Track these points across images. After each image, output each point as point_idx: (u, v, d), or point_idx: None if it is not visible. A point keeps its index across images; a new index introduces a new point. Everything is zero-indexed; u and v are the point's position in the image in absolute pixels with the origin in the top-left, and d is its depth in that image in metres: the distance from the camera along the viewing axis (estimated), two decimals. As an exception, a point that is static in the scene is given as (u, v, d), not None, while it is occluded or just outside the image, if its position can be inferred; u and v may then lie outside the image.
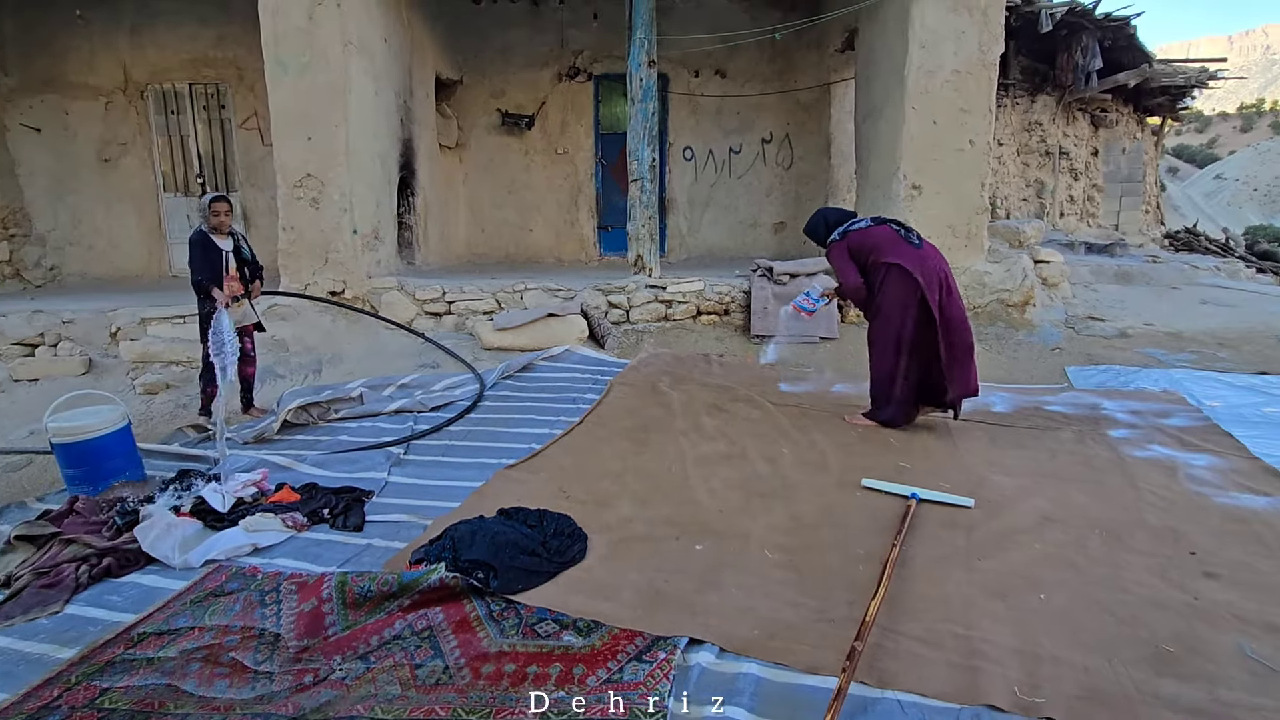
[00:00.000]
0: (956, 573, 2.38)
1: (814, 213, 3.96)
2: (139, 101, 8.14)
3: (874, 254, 3.63)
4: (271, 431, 4.09)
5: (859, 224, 3.74)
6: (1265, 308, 6.23)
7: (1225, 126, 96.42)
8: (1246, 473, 3.05)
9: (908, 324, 3.57)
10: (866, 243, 3.65)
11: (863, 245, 3.66)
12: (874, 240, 3.66)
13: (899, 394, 3.66)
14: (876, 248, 3.63)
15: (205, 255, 4.17)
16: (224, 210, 4.23)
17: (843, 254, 3.69)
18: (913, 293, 3.52)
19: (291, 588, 2.43)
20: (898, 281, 3.56)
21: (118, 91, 8.11)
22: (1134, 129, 11.16)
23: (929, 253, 3.64)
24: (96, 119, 8.14)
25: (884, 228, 3.72)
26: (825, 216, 3.88)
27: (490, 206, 9.28)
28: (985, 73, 5.60)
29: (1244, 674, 1.83)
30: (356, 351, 5.72)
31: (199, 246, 4.17)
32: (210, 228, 4.22)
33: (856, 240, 3.68)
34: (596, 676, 1.94)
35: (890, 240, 3.65)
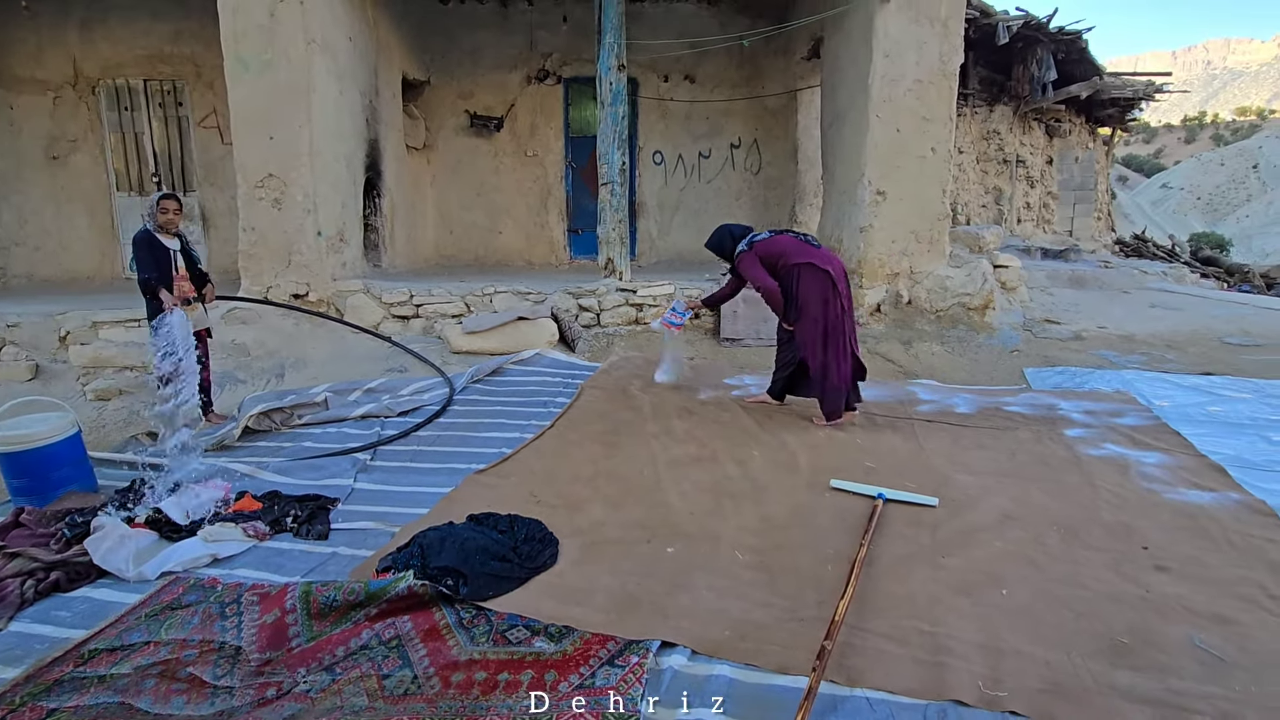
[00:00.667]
0: (922, 570, 2.43)
1: (716, 229, 4.11)
2: (90, 97, 7.85)
3: (782, 259, 3.84)
4: (232, 438, 3.97)
5: (761, 235, 3.94)
6: (1209, 311, 6.51)
7: (1170, 137, 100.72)
8: (1194, 470, 3.18)
9: (829, 315, 3.82)
10: (774, 250, 3.86)
11: (770, 253, 3.86)
12: (780, 247, 3.87)
13: (834, 383, 3.85)
14: (784, 253, 3.84)
15: (152, 254, 4.03)
16: (173, 209, 4.11)
17: (754, 262, 3.87)
18: (828, 286, 3.80)
19: (253, 599, 2.36)
20: (812, 278, 3.81)
21: (67, 86, 7.82)
22: (1086, 139, 11.58)
23: (828, 253, 3.95)
24: (44, 114, 7.83)
25: (785, 236, 3.94)
26: (730, 231, 4.05)
27: (459, 209, 9.19)
28: (946, 82, 5.75)
29: (1194, 664, 1.91)
30: (321, 355, 5.60)
31: (145, 245, 4.04)
32: (157, 226, 4.09)
33: (763, 249, 3.87)
34: (569, 682, 1.93)
35: (795, 245, 3.89)
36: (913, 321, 5.96)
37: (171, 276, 4.12)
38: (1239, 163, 68.71)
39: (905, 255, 6.01)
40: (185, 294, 4.19)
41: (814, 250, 3.89)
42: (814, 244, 3.95)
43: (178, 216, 4.15)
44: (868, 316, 6.04)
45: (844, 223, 6.46)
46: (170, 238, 4.16)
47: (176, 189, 8.05)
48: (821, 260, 3.84)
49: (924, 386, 4.68)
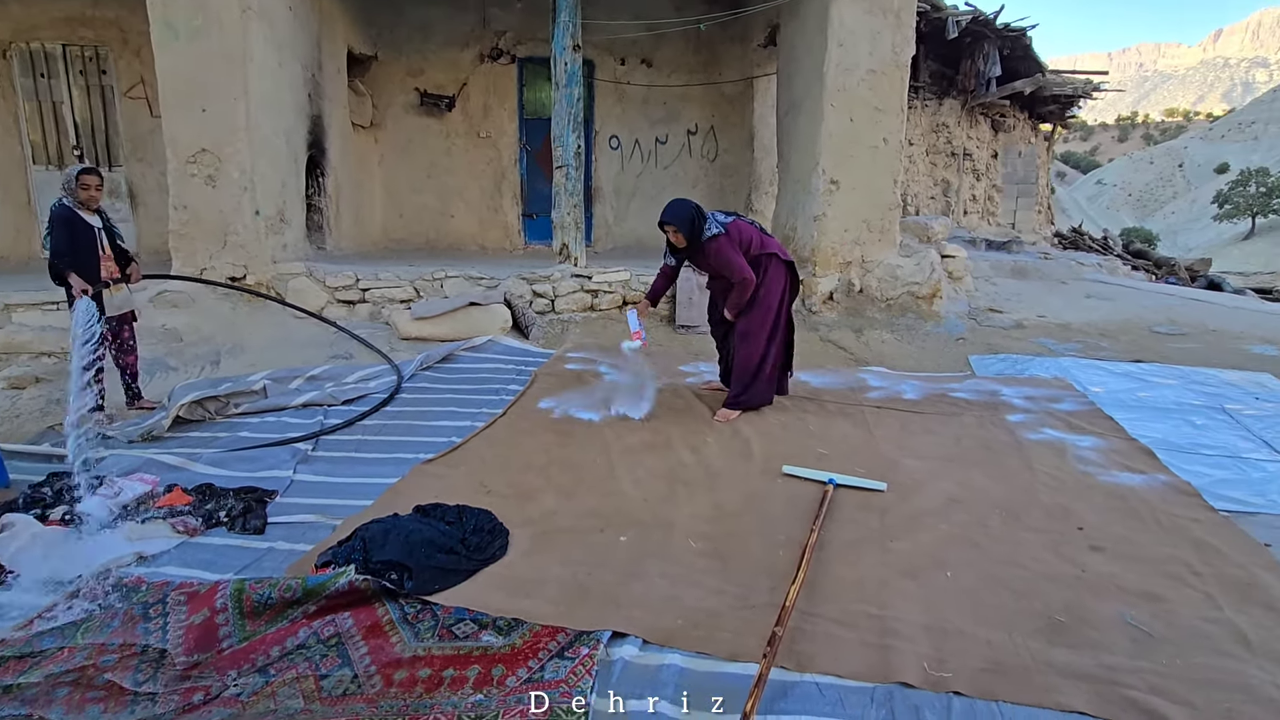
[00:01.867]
0: (871, 554, 2.46)
1: (674, 202, 3.67)
2: (1, 62, 7.26)
3: (753, 246, 3.68)
4: (162, 428, 3.76)
5: (726, 218, 3.72)
6: (1140, 301, 6.83)
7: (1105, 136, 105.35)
8: (1125, 453, 3.32)
9: (783, 311, 3.77)
10: (745, 236, 3.68)
11: (742, 238, 3.66)
12: (748, 234, 3.71)
13: (767, 374, 3.81)
14: (753, 240, 3.70)
15: (71, 232, 3.73)
16: (94, 184, 3.80)
17: (733, 248, 3.59)
18: (786, 281, 3.76)
19: (180, 598, 2.23)
20: (778, 271, 3.72)
21: (-28, 49, 7.21)
22: (1029, 134, 11.98)
23: (779, 243, 3.87)
24: (-54, 80, 7.21)
25: (743, 221, 3.80)
26: (696, 207, 3.65)
27: (409, 190, 8.89)
28: (898, 73, 5.83)
29: (1125, 640, 1.98)
30: (260, 341, 5.34)
31: (64, 223, 3.71)
32: (77, 203, 3.79)
33: (736, 232, 3.66)
34: (517, 676, 1.88)
35: (757, 232, 3.77)
36: (864, 309, 6.06)
37: (97, 256, 3.84)
38: (1167, 162, 72.57)
39: (857, 244, 6.10)
40: (111, 274, 3.91)
41: (771, 239, 3.83)
42: (768, 232, 3.91)
43: (99, 193, 3.85)
44: (821, 305, 6.12)
45: (798, 211, 6.51)
46: (91, 215, 3.87)
47: (101, 163, 7.54)
48: (782, 251, 3.78)
49: (873, 373, 4.76)
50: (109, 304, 3.90)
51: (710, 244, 3.58)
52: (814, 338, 5.69)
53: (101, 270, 3.85)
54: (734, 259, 3.57)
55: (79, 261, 3.72)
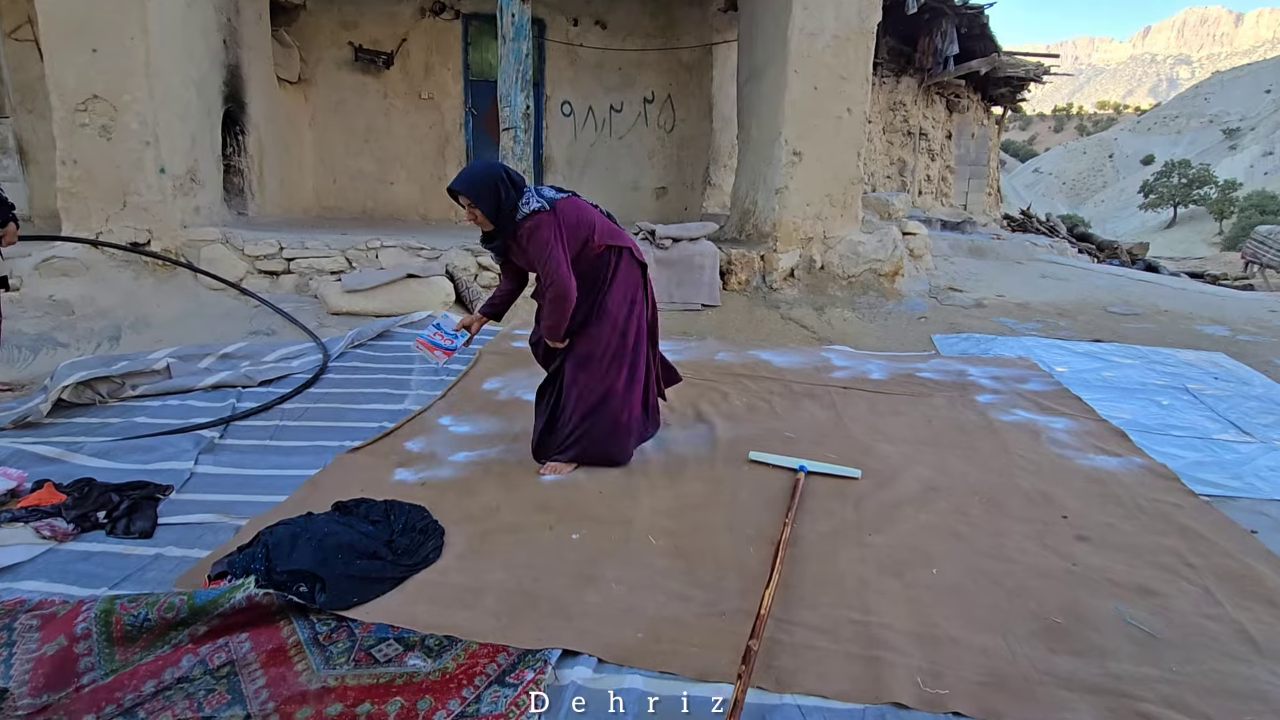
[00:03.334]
0: (849, 549, 2.25)
1: (478, 164, 2.54)
2: None
3: (596, 235, 2.55)
4: (39, 414, 3.24)
5: (556, 194, 2.55)
6: (1092, 282, 6.89)
7: (1042, 126, 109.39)
8: (1098, 435, 3.21)
9: (640, 326, 2.68)
10: (583, 219, 2.53)
11: (579, 221, 2.52)
12: (589, 217, 2.57)
13: (616, 420, 2.65)
14: (595, 226, 2.56)
15: None
16: None
17: (555, 234, 2.42)
18: (640, 285, 2.67)
19: (31, 623, 1.82)
20: (630, 272, 2.62)
21: None
22: (981, 115, 12.05)
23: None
24: None
25: (581, 199, 2.64)
26: (505, 174, 2.47)
27: (344, 154, 8.25)
28: (864, 40, 5.60)
29: (1128, 643, 1.82)
30: (168, 315, 4.78)
31: None
32: None
33: (571, 213, 2.51)
34: (447, 710, 1.57)
35: (603, 218, 2.65)
36: (825, 287, 5.89)
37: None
38: (1098, 152, 75.92)
39: (819, 219, 5.89)
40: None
41: (623, 231, 2.72)
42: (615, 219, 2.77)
43: None
44: (781, 281, 5.91)
45: (759, 184, 6.26)
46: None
47: (-16, 114, 6.67)
48: (636, 248, 2.71)
49: (837, 352, 4.58)
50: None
51: (525, 225, 2.42)
52: (775, 315, 5.48)
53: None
54: (553, 251, 2.41)
55: None
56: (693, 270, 5.63)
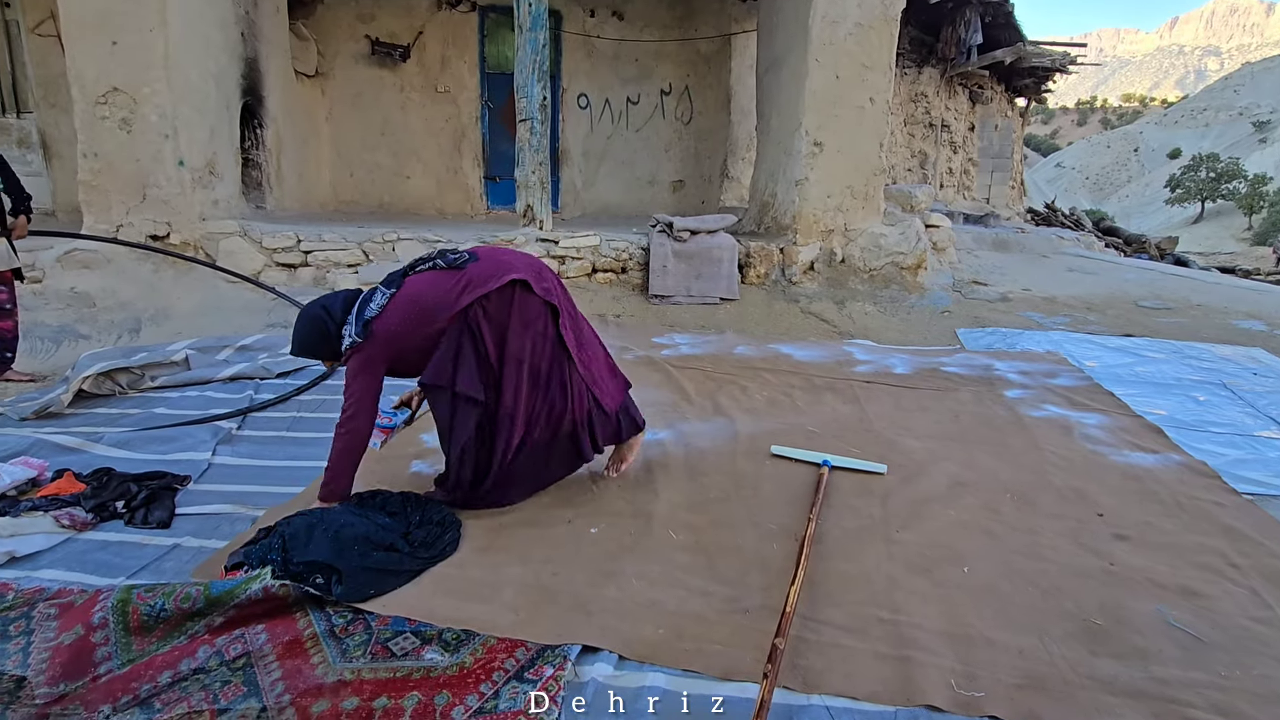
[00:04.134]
0: (876, 546, 2.18)
1: (302, 318, 2.19)
2: (-116, -11, 6.39)
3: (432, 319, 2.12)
4: (60, 404, 3.26)
5: (375, 299, 2.13)
6: (1120, 275, 6.72)
7: (1065, 119, 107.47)
8: (1133, 431, 3.11)
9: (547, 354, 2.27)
10: (407, 322, 2.12)
11: (403, 324, 2.11)
12: (417, 304, 2.13)
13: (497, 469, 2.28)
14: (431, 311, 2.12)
15: None
16: None
17: (364, 364, 2.12)
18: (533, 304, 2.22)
19: (49, 611, 1.81)
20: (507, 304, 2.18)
21: None
22: (1005, 107, 11.82)
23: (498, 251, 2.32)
24: None
25: (417, 278, 2.19)
26: (324, 315, 2.15)
27: (360, 148, 8.26)
28: (887, 28, 5.48)
29: (1172, 646, 1.73)
30: (187, 307, 4.80)
31: None
32: None
33: (390, 328, 2.10)
34: (465, 706, 1.53)
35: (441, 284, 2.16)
36: (846, 280, 5.79)
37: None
38: (1123, 146, 74.43)
39: (840, 211, 5.79)
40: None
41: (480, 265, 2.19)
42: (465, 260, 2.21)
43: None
44: (801, 275, 5.81)
45: (779, 176, 6.16)
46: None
47: (8, 110, 6.76)
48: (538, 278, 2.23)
49: (860, 346, 4.50)
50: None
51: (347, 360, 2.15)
52: (794, 309, 5.39)
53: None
54: (354, 384, 2.14)
55: None
56: (710, 263, 5.56)
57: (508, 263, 2.24)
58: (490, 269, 2.19)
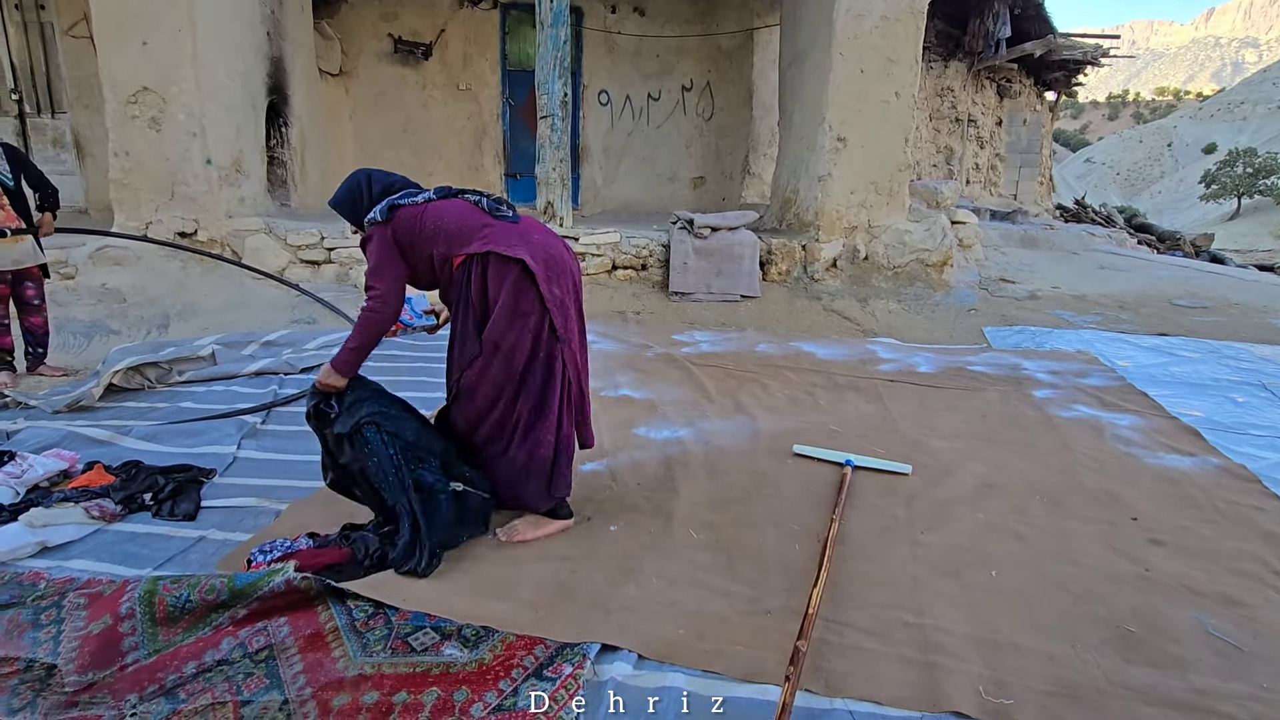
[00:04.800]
0: (900, 548, 2.13)
1: (350, 177, 2.21)
2: (-74, -6, 6.58)
3: (441, 243, 2.05)
4: (91, 398, 3.32)
5: (413, 197, 2.11)
6: (1154, 273, 6.54)
7: (1096, 114, 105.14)
8: (1168, 432, 3.01)
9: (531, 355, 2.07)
10: (426, 226, 2.05)
11: (419, 231, 2.05)
12: (452, 216, 2.07)
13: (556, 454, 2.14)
14: (444, 234, 2.05)
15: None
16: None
17: (385, 246, 2.05)
18: (535, 303, 2.03)
19: (79, 601, 1.84)
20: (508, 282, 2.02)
21: (-105, -22, 6.51)
22: (1034, 101, 11.56)
23: (535, 230, 2.14)
24: None
25: (455, 201, 2.14)
26: (367, 181, 2.15)
27: (383, 146, 8.32)
28: (914, 21, 5.38)
29: (1212, 655, 1.67)
30: (214, 304, 4.88)
31: None
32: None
33: (407, 223, 2.06)
34: (484, 703, 1.53)
35: (471, 217, 2.09)
36: (869, 278, 5.70)
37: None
38: (1156, 140, 72.48)
39: (864, 208, 5.71)
40: (2, 223, 3.41)
41: (505, 228, 2.08)
42: (507, 214, 2.14)
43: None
44: (824, 272, 5.74)
45: (801, 172, 6.09)
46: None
47: (43, 110, 6.92)
48: (532, 255, 2.02)
49: (883, 345, 4.43)
50: (3, 256, 3.44)
51: (365, 238, 2.11)
52: (816, 307, 5.33)
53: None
54: (375, 262, 2.06)
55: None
56: (731, 260, 5.51)
57: (538, 242, 2.08)
58: (513, 236, 2.05)
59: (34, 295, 3.63)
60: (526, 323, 2.04)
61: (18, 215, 3.46)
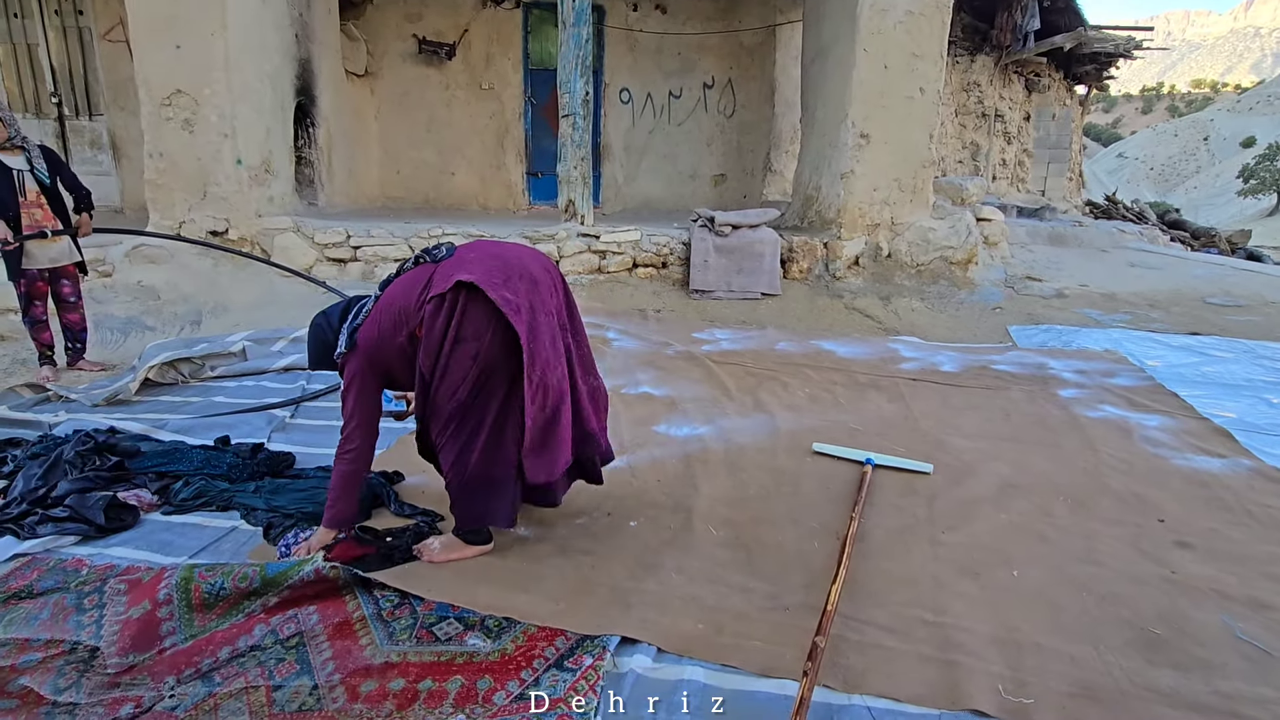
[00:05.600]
0: (920, 547, 2.13)
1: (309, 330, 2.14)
2: (-29, 0, 6.81)
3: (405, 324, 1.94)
4: (129, 392, 3.44)
5: (364, 306, 2.05)
6: (1188, 271, 6.39)
7: (1129, 107, 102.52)
8: (1198, 434, 2.96)
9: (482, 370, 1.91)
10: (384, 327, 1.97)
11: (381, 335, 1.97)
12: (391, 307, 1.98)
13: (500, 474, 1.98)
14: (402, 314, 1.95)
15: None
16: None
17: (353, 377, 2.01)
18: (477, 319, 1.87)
19: (119, 587, 1.92)
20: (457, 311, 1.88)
21: (-59, -15, 6.76)
22: (1064, 95, 11.33)
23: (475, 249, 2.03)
24: (-85, 19, 6.77)
25: (396, 282, 2.04)
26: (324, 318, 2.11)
27: (406, 145, 8.44)
28: (939, 15, 5.32)
29: (1239, 659, 1.65)
30: (245, 301, 5.00)
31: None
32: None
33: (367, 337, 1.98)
34: (506, 692, 1.56)
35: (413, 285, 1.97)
36: (892, 275, 5.65)
37: (16, 203, 3.43)
38: (1191, 134, 70.48)
39: (887, 204, 5.66)
40: (38, 223, 3.52)
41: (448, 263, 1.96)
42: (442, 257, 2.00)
43: (4, 128, 3.39)
44: (845, 270, 5.71)
45: (823, 169, 6.05)
46: (13, 154, 3.44)
47: (80, 113, 7.13)
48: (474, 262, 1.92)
49: (905, 343, 4.39)
50: (41, 255, 3.55)
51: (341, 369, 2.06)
52: (838, 305, 5.30)
53: (25, 217, 3.45)
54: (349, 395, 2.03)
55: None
56: (752, 258, 5.50)
57: (474, 259, 1.92)
58: (453, 267, 1.91)
59: (70, 293, 3.75)
60: (466, 348, 1.88)
61: (55, 215, 3.58)
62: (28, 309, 3.66)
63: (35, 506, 2.26)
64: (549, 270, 2.05)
